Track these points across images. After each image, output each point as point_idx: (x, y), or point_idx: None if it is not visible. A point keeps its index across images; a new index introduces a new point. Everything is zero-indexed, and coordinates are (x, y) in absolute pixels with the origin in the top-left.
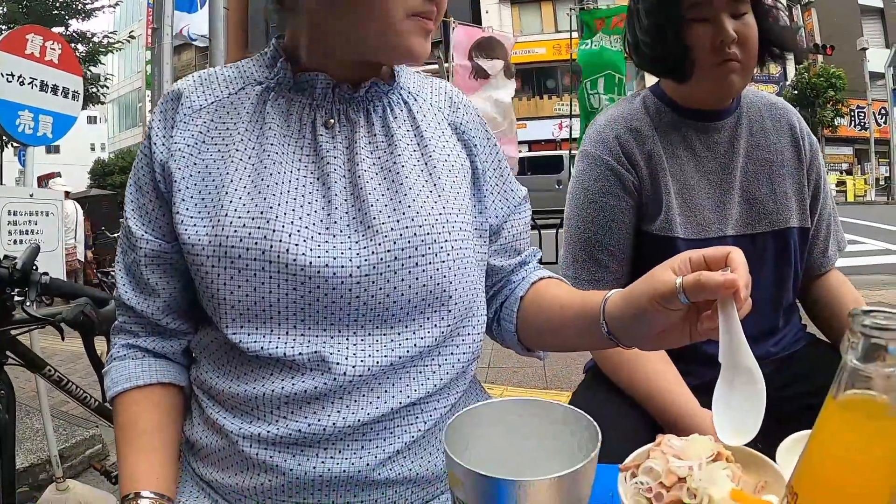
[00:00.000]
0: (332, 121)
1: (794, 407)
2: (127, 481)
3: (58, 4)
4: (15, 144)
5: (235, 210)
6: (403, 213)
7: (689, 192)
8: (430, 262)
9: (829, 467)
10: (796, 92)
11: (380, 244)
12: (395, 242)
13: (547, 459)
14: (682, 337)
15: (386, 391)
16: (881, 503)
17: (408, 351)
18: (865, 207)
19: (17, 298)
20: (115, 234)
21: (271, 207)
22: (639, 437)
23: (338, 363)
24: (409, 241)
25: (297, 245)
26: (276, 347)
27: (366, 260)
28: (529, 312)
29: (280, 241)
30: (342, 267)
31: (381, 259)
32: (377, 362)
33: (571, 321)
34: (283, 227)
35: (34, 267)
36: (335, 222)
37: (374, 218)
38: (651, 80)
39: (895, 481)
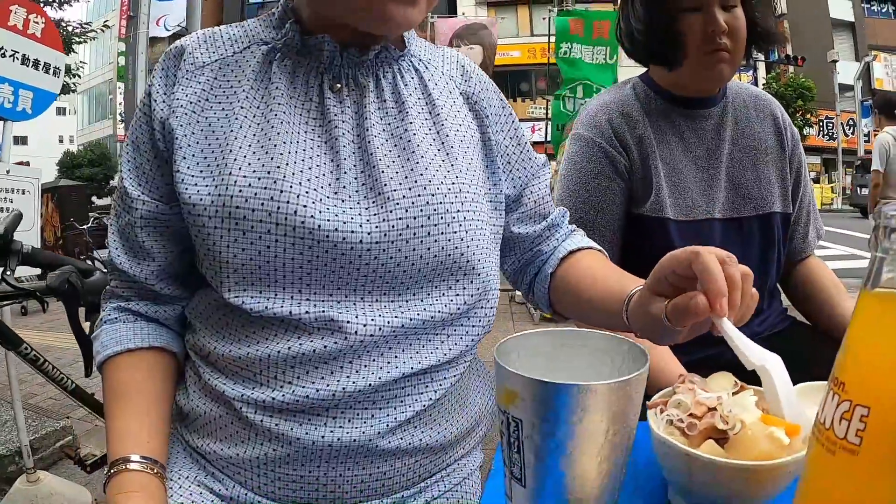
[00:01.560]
0: (338, 85)
1: None
2: (115, 445)
3: None
4: None
5: (241, 169)
6: (416, 182)
7: (677, 175)
8: (442, 233)
9: (868, 350)
10: None
11: (391, 212)
12: (406, 211)
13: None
14: (704, 327)
15: (396, 356)
16: None
17: (418, 315)
18: (832, 215)
19: None
20: (84, 226)
21: (278, 168)
22: None
23: (348, 322)
24: (421, 210)
25: (305, 207)
26: (282, 307)
27: (377, 227)
28: (559, 290)
29: (288, 202)
30: (352, 232)
31: (393, 227)
32: (388, 322)
33: (597, 311)
34: (292, 188)
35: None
36: (344, 187)
37: (385, 185)
38: None
39: None
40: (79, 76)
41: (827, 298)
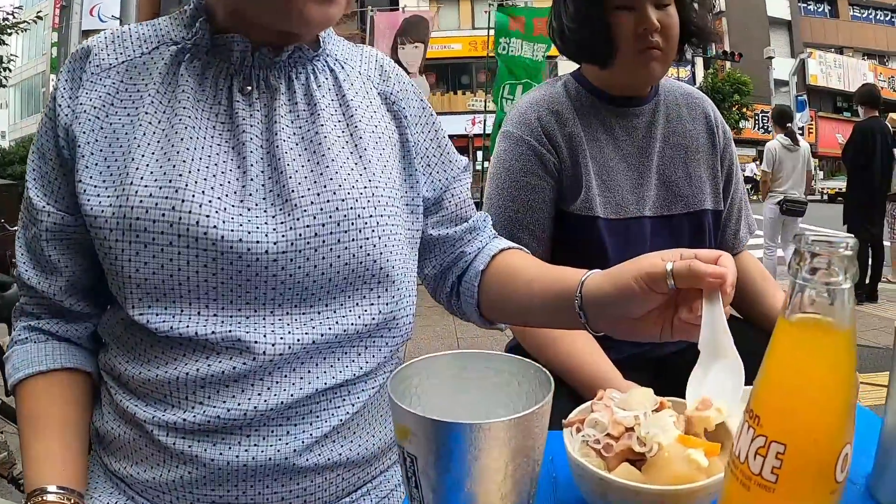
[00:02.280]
0: (248, 87)
1: None
2: (31, 475)
3: None
4: None
5: (142, 178)
6: (325, 187)
7: (608, 173)
8: (353, 240)
9: (785, 384)
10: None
11: (298, 219)
12: (314, 217)
13: (494, 411)
14: (654, 330)
15: (309, 371)
16: (836, 412)
17: (330, 329)
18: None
19: None
20: (14, 227)
21: (181, 176)
22: (565, 412)
23: (256, 342)
24: (330, 217)
25: (208, 217)
26: (188, 327)
27: (283, 236)
28: (492, 286)
29: (190, 212)
30: (257, 242)
31: (300, 235)
32: (298, 340)
33: (540, 296)
34: (194, 197)
35: None
36: (250, 195)
37: (293, 191)
38: None
39: (847, 390)
40: (9, 69)
41: (755, 291)
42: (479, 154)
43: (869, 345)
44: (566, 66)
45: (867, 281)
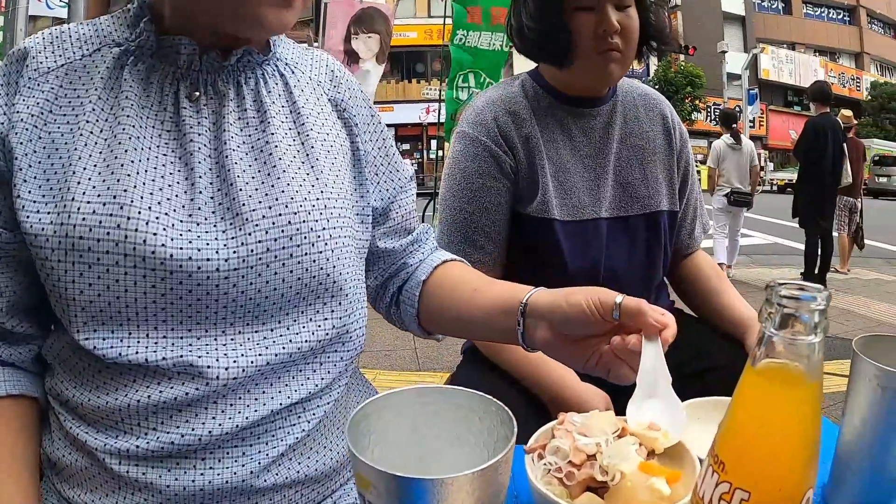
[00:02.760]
0: (196, 93)
1: None
2: None
3: None
4: None
5: (84, 194)
6: (276, 200)
7: (564, 175)
8: (305, 254)
9: (750, 433)
10: (656, 87)
11: (250, 234)
12: (266, 232)
13: (454, 447)
14: (583, 355)
15: (264, 392)
16: (800, 462)
17: (283, 348)
18: None
19: None
20: None
21: (126, 191)
22: (523, 414)
23: (208, 366)
24: (282, 231)
25: (155, 235)
26: (137, 353)
27: (234, 252)
28: (434, 296)
29: (137, 230)
30: (208, 260)
31: (252, 251)
32: (252, 362)
33: (481, 306)
34: (140, 213)
35: None
36: (199, 209)
37: (244, 205)
38: None
39: (812, 439)
40: None
41: (708, 288)
42: (434, 143)
43: None
44: (520, 63)
45: (816, 271)
